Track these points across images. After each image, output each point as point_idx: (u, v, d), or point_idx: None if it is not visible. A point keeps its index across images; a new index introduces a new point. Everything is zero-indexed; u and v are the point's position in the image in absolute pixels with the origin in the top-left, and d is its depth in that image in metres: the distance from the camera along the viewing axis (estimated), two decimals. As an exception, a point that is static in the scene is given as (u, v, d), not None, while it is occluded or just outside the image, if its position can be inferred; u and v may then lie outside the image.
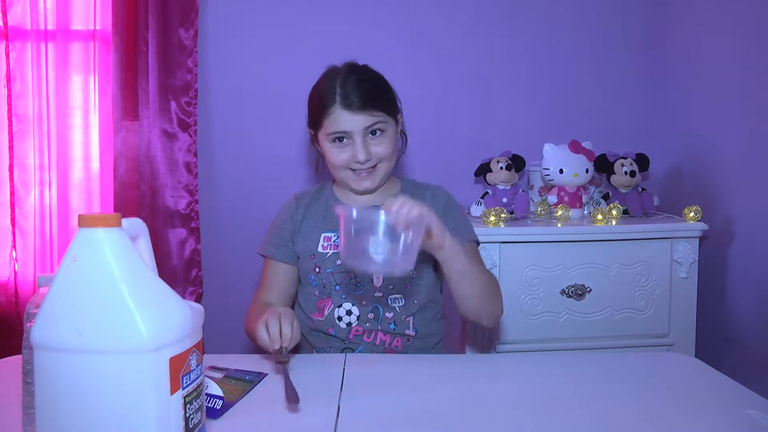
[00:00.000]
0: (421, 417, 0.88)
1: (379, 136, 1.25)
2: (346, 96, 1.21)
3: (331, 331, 1.27)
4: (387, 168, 1.28)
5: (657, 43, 2.11)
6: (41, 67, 1.91)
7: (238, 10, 2.04)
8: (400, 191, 1.36)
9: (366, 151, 1.23)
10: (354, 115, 1.21)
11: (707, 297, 1.82)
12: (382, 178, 1.29)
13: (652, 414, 0.89)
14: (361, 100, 1.21)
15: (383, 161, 1.26)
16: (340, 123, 1.22)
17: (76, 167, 1.98)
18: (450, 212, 1.31)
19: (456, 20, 2.09)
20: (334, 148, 1.25)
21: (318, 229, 1.31)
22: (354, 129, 1.22)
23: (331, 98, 1.22)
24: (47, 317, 0.65)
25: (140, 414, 0.65)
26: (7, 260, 1.95)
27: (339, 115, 1.21)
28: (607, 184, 1.90)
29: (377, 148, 1.24)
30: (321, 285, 1.28)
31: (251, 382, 0.98)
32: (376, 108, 1.23)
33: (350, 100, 1.20)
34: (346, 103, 1.20)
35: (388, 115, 1.26)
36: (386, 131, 1.26)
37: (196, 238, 2.01)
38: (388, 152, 1.26)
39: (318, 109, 1.25)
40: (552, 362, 1.11)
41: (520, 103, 2.12)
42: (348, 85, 1.22)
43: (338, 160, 1.25)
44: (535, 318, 1.69)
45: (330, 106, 1.22)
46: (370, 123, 1.22)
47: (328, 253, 1.29)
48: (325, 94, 1.23)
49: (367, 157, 1.23)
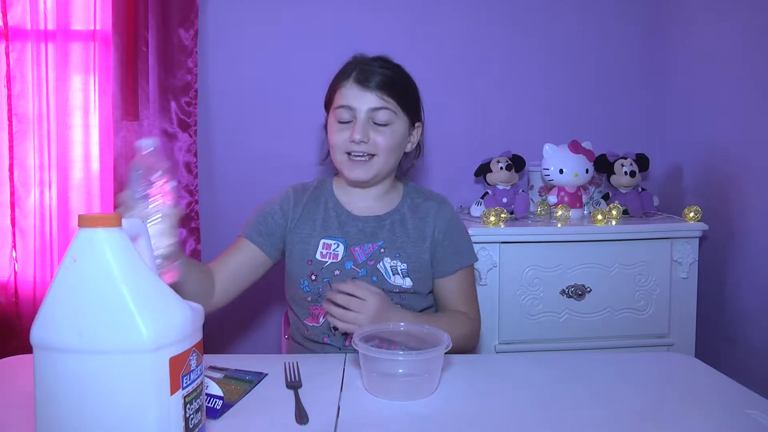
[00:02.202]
0: (421, 417, 0.88)
1: (383, 126, 1.24)
2: (363, 73, 1.23)
3: (326, 340, 1.26)
4: (383, 163, 1.25)
5: (657, 42, 2.11)
6: (41, 67, 1.91)
7: (238, 10, 2.04)
8: (403, 198, 1.34)
9: (364, 132, 1.22)
10: (363, 92, 1.22)
11: (707, 297, 1.82)
12: (377, 173, 1.26)
13: (652, 414, 0.89)
14: (374, 81, 1.23)
15: (380, 154, 1.24)
16: (348, 97, 1.23)
17: (76, 167, 1.97)
18: (452, 232, 1.31)
19: (456, 20, 2.09)
20: (335, 127, 1.25)
21: (317, 235, 1.28)
22: (359, 106, 1.22)
23: (348, 74, 1.25)
24: (47, 317, 0.65)
25: (140, 414, 0.65)
26: (7, 260, 1.95)
27: (349, 89, 1.23)
28: (607, 184, 1.90)
29: (377, 137, 1.23)
30: (315, 293, 1.26)
31: (251, 382, 0.98)
32: (388, 94, 1.23)
33: (365, 77, 1.23)
34: (359, 78, 1.23)
35: (399, 109, 1.25)
36: (392, 124, 1.24)
37: (196, 238, 2.01)
38: (388, 146, 1.24)
39: (333, 85, 1.27)
40: (552, 362, 1.11)
41: (520, 103, 2.12)
42: (367, 66, 1.25)
43: (337, 139, 1.25)
44: (535, 318, 1.69)
45: (344, 80, 1.24)
46: (377, 105, 1.22)
47: (327, 262, 1.26)
48: (344, 70, 1.26)
49: (363, 138, 1.21)
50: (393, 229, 1.29)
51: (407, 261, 1.26)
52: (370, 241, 1.27)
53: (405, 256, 1.27)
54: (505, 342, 1.68)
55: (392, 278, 1.25)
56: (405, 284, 1.25)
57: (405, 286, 1.25)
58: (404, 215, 1.31)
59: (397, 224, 1.30)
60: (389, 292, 1.23)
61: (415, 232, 1.29)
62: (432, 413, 0.89)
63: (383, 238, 1.28)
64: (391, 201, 1.33)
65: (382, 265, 1.26)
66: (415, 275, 1.26)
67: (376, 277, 1.25)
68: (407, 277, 1.26)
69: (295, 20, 2.05)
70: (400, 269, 1.26)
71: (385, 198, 1.33)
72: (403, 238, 1.28)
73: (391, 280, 1.25)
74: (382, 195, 1.32)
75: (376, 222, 1.29)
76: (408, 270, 1.26)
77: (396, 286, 1.25)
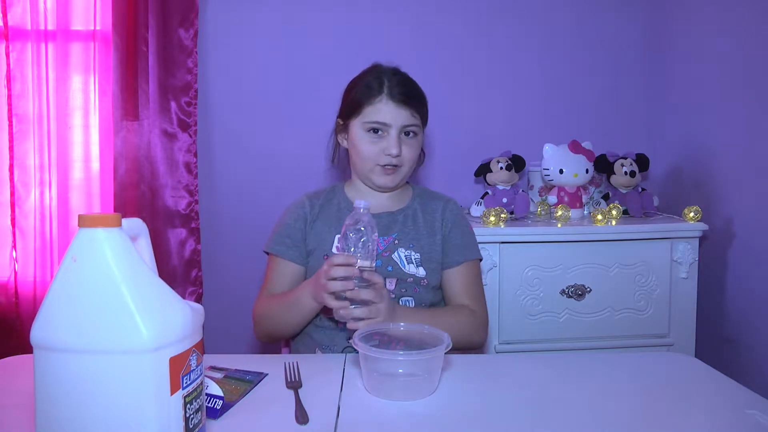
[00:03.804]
0: (421, 417, 0.88)
1: (411, 138, 1.30)
2: (393, 89, 1.27)
3: (340, 325, 1.27)
4: (407, 172, 1.34)
5: (657, 43, 2.11)
6: (41, 67, 1.91)
7: (238, 10, 2.04)
8: (413, 197, 1.40)
9: (399, 146, 1.28)
10: (398, 109, 1.27)
11: (707, 297, 1.82)
12: (402, 180, 1.34)
13: (652, 414, 0.89)
14: (407, 97, 1.28)
15: (406, 165, 1.32)
16: (384, 113, 1.27)
17: (76, 167, 1.98)
18: (457, 228, 1.36)
19: (456, 20, 2.09)
20: (367, 139, 1.29)
21: (332, 230, 1.33)
22: (394, 122, 1.27)
23: (378, 89, 1.28)
24: (47, 317, 0.65)
25: (140, 414, 0.65)
26: (7, 260, 1.95)
27: (384, 105, 1.27)
28: (607, 184, 1.90)
29: (407, 150, 1.30)
30: None
31: (251, 382, 0.98)
32: (416, 110, 1.29)
33: (396, 93, 1.27)
34: (393, 94, 1.27)
35: (421, 122, 1.32)
36: (418, 136, 1.32)
37: (196, 238, 2.01)
38: (414, 157, 1.33)
39: (361, 98, 1.29)
40: (552, 362, 1.11)
41: (520, 103, 2.12)
42: (394, 81, 1.29)
43: (369, 152, 1.29)
44: (535, 318, 1.69)
45: (376, 95, 1.27)
46: (409, 122, 1.28)
47: None
48: (372, 84, 1.29)
49: (398, 152, 1.27)
50: (405, 223, 1.35)
51: (420, 251, 1.31)
52: (385, 234, 1.32)
53: (418, 247, 1.32)
54: (505, 342, 1.69)
55: (407, 267, 1.30)
56: (419, 273, 1.30)
57: (419, 275, 1.29)
58: (416, 211, 1.37)
59: (409, 219, 1.36)
60: (403, 281, 1.28)
61: (426, 227, 1.35)
62: (432, 413, 0.89)
63: (396, 231, 1.33)
64: (403, 200, 1.39)
65: (397, 255, 1.30)
66: (428, 265, 1.31)
67: (391, 267, 1.29)
68: (420, 267, 1.30)
69: (296, 20, 2.05)
70: (414, 258, 1.31)
71: (397, 197, 1.39)
72: (415, 231, 1.34)
73: (405, 269, 1.29)
74: (395, 195, 1.38)
75: (390, 217, 1.35)
76: (421, 260, 1.31)
77: (410, 275, 1.29)
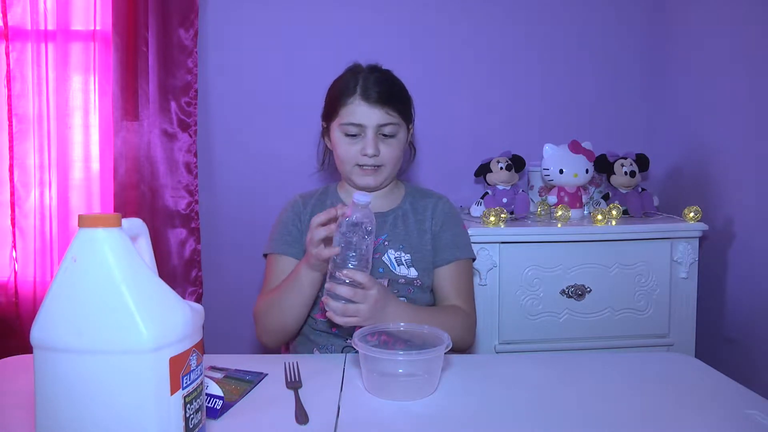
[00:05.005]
0: (421, 417, 0.88)
1: (389, 138, 1.29)
2: (367, 89, 1.26)
3: (334, 330, 1.27)
4: (391, 171, 1.32)
5: (657, 43, 2.11)
6: (41, 67, 1.91)
7: (238, 10, 2.04)
8: (404, 196, 1.39)
9: (375, 146, 1.26)
10: (371, 109, 1.25)
11: (707, 297, 1.82)
12: (386, 179, 1.33)
13: (652, 414, 0.89)
14: (379, 96, 1.26)
15: (388, 164, 1.30)
16: (357, 114, 1.26)
17: (76, 167, 1.98)
18: (448, 226, 1.35)
19: (456, 20, 2.09)
20: (344, 140, 1.29)
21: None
22: (368, 123, 1.26)
23: (352, 89, 1.27)
24: (47, 317, 0.65)
25: (140, 414, 0.65)
26: (7, 260, 1.95)
27: (357, 106, 1.26)
28: (607, 184, 1.90)
29: (385, 148, 1.28)
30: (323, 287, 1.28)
31: (251, 382, 0.98)
32: (392, 108, 1.27)
33: (370, 93, 1.26)
34: (366, 95, 1.26)
35: (401, 120, 1.30)
36: (397, 136, 1.30)
37: (196, 239, 2.01)
38: (395, 157, 1.31)
39: (336, 99, 1.29)
40: (552, 362, 1.11)
41: (520, 103, 2.12)
42: (370, 80, 1.27)
43: (347, 153, 1.29)
44: (535, 318, 1.69)
45: (349, 96, 1.27)
46: (384, 120, 1.27)
47: None
48: (346, 85, 1.28)
49: (374, 152, 1.26)
50: (395, 224, 1.34)
51: (411, 252, 1.31)
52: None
53: (408, 247, 1.31)
54: (505, 342, 1.68)
55: (398, 269, 1.29)
56: (410, 274, 1.29)
57: (410, 276, 1.29)
58: (406, 211, 1.37)
59: (399, 219, 1.35)
60: (395, 282, 1.27)
61: (416, 227, 1.34)
62: (432, 413, 0.89)
63: (386, 232, 1.33)
64: (393, 199, 1.38)
65: (387, 257, 1.30)
66: (420, 265, 1.30)
67: (382, 268, 1.29)
68: (412, 267, 1.30)
69: (295, 20, 2.05)
70: (404, 259, 1.30)
71: (387, 197, 1.37)
72: (405, 232, 1.33)
73: (396, 271, 1.29)
74: (384, 194, 1.37)
75: (379, 218, 1.33)
76: (412, 260, 1.30)
77: (402, 276, 1.29)
